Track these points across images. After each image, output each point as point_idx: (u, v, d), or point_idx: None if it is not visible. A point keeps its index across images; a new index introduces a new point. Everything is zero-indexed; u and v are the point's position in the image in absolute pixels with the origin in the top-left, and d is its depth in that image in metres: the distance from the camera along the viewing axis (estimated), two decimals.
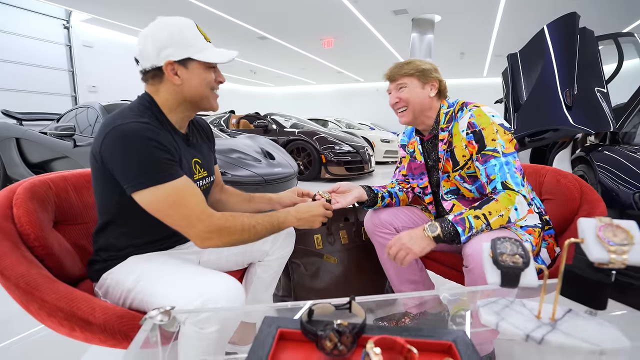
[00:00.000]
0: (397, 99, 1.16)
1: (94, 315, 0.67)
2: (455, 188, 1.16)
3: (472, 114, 1.06)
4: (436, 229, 0.95)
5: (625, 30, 6.66)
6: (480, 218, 0.95)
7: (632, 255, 0.48)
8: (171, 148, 0.79)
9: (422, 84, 1.14)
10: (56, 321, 0.67)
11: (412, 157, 1.29)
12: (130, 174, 0.74)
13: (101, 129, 0.77)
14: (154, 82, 0.84)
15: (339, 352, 0.44)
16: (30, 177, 0.95)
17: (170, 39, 0.80)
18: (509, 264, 0.54)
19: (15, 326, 1.32)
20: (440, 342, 0.47)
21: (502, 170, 1.01)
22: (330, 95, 15.75)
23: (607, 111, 2.47)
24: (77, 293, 0.70)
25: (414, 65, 1.13)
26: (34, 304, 0.67)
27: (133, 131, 0.74)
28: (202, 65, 0.84)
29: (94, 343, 0.71)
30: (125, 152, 0.73)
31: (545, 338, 0.51)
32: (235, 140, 3.65)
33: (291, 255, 1.25)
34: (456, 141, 1.10)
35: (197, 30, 0.84)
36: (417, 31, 5.97)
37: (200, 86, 0.85)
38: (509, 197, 0.97)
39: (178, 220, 0.76)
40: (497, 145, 1.02)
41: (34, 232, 0.79)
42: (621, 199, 1.90)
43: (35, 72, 6.36)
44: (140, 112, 0.81)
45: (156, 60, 0.80)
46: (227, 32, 7.47)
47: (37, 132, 3.58)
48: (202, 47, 0.84)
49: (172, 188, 0.74)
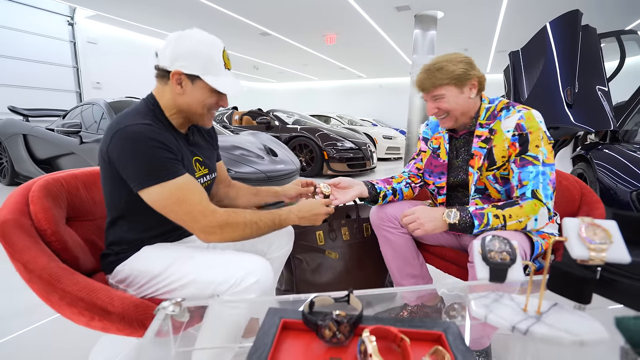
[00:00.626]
0: (436, 109, 1.09)
1: (113, 305, 0.71)
2: (483, 187, 1.11)
3: (522, 116, 1.02)
4: (455, 217, 0.98)
5: (628, 27, 6.62)
6: (499, 218, 0.97)
7: (610, 253, 0.51)
8: (173, 147, 0.83)
9: (460, 90, 1.06)
10: (76, 311, 0.71)
11: (435, 154, 1.24)
12: (136, 173, 0.78)
13: (108, 130, 0.82)
14: (161, 81, 0.88)
15: (338, 340, 0.48)
16: (43, 175, 0.99)
17: (190, 51, 0.82)
18: (497, 261, 0.58)
19: (22, 320, 1.38)
20: (431, 332, 0.51)
21: (536, 179, 0.99)
22: (332, 91, 15.71)
23: (608, 110, 2.48)
24: (96, 284, 0.74)
25: (446, 72, 1.03)
26: (55, 294, 0.71)
27: (138, 132, 0.78)
28: (208, 88, 0.86)
29: (111, 332, 0.75)
30: (131, 152, 0.77)
31: (530, 329, 0.55)
32: (238, 137, 3.68)
33: (293, 251, 1.29)
34: (497, 140, 1.06)
35: (221, 55, 0.86)
36: (419, 27, 5.94)
37: (197, 104, 0.88)
38: (534, 206, 0.97)
39: (182, 216, 0.80)
40: (539, 153, 1.00)
41: (51, 228, 0.83)
42: (619, 197, 1.92)
43: (40, 68, 6.41)
44: (144, 113, 0.85)
45: (169, 64, 0.84)
46: (230, 28, 7.47)
47: (44, 128, 3.63)
48: (218, 73, 0.86)
49: (175, 185, 0.79)
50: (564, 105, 2.54)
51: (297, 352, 0.48)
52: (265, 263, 0.83)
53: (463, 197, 1.21)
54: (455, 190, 1.22)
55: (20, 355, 1.18)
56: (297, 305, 0.58)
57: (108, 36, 7.72)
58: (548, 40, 2.77)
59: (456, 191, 1.22)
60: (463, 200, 1.21)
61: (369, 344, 0.44)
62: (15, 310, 1.45)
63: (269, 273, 0.82)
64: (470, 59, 1.07)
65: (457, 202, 1.22)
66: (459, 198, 1.22)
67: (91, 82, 7.30)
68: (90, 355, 1.10)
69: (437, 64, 1.05)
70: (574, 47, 2.62)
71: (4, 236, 0.75)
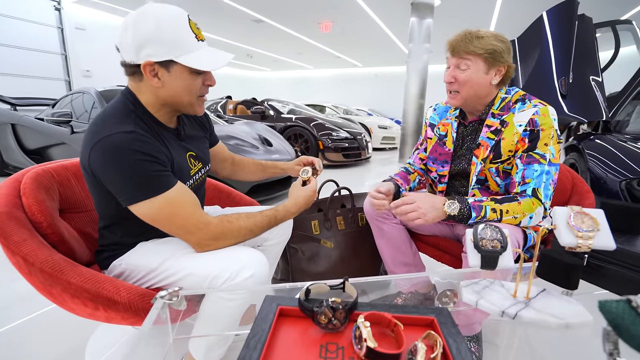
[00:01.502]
0: (453, 79, 1.03)
1: (120, 295, 0.72)
2: (483, 178, 1.09)
3: (538, 112, 0.99)
4: (455, 209, 0.98)
5: (624, 17, 6.62)
6: (496, 212, 0.97)
7: (597, 241, 0.53)
8: (161, 156, 0.75)
9: (487, 68, 1.00)
10: (80, 302, 0.71)
11: (441, 142, 1.20)
12: (122, 189, 0.72)
13: (87, 140, 0.73)
14: (134, 78, 0.78)
15: (333, 326, 0.49)
16: (32, 167, 0.97)
17: (153, 35, 0.70)
18: (488, 249, 0.59)
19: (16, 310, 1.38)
20: (424, 317, 0.53)
21: (540, 178, 0.98)
22: (328, 80, 15.58)
23: (601, 100, 2.51)
24: (101, 275, 0.75)
25: (485, 42, 0.98)
26: (58, 286, 0.71)
27: (119, 144, 0.70)
28: (187, 70, 0.75)
29: (115, 321, 0.76)
30: (114, 167, 0.70)
31: (519, 314, 0.57)
32: (233, 127, 3.65)
33: (289, 241, 1.30)
34: (507, 133, 1.02)
35: (188, 26, 0.74)
36: (416, 15, 5.87)
37: (183, 92, 0.78)
38: (532, 205, 0.97)
39: (175, 229, 0.77)
40: (547, 152, 0.98)
41: (46, 220, 0.82)
42: (608, 186, 1.96)
43: (26, 55, 6.22)
44: (124, 116, 0.75)
45: (135, 57, 0.73)
46: (222, 14, 7.31)
47: (33, 118, 3.55)
48: (191, 48, 0.74)
49: (165, 200, 0.73)
50: (558, 96, 2.56)
51: (293, 338, 0.49)
52: (260, 256, 0.81)
53: (461, 186, 1.20)
54: (455, 179, 1.21)
55: (18, 345, 1.19)
56: (294, 293, 0.59)
57: (97, 22, 7.51)
58: (544, 30, 2.77)
59: (455, 179, 1.21)
60: (461, 190, 1.20)
61: (364, 329, 0.45)
62: (9, 301, 1.45)
63: (264, 266, 0.80)
64: (510, 45, 1.02)
65: (455, 191, 1.22)
66: (456, 187, 1.21)
67: (80, 70, 7.13)
68: (87, 344, 1.11)
69: (479, 32, 1.00)
70: (570, 37, 2.62)
71: None
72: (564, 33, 2.67)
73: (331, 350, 0.47)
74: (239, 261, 0.77)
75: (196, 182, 0.95)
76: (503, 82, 1.06)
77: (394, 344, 0.49)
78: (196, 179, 0.95)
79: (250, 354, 0.43)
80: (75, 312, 0.77)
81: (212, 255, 0.81)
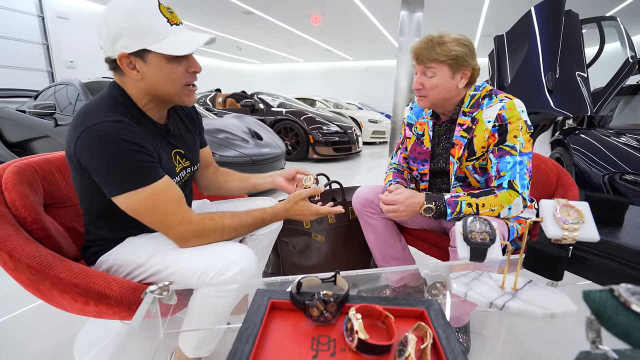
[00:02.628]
0: (421, 86, 1.06)
1: (111, 289, 0.71)
2: (463, 175, 1.13)
3: (504, 106, 1.01)
4: (430, 212, 1.03)
5: (609, 14, 6.74)
6: (472, 206, 1.00)
7: (582, 233, 0.55)
8: (148, 146, 0.74)
9: (452, 73, 1.03)
10: (69, 297, 0.70)
11: (419, 141, 1.22)
12: (107, 179, 0.71)
13: (73, 128, 0.71)
14: (117, 73, 0.77)
15: (325, 318, 0.50)
16: (13, 160, 0.94)
17: (122, 25, 0.68)
18: (477, 241, 0.60)
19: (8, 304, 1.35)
20: (414, 309, 0.53)
21: (513, 169, 1.00)
22: (318, 73, 15.48)
23: (586, 95, 2.56)
24: (91, 270, 0.73)
25: (447, 49, 0.99)
26: (47, 282, 0.69)
27: (106, 133, 0.68)
28: (164, 57, 0.72)
29: (106, 316, 0.75)
30: (100, 156, 0.69)
31: (506, 305, 0.59)
32: (222, 120, 3.61)
33: (280, 234, 1.29)
34: (478, 130, 1.05)
35: (159, 11, 0.71)
36: (406, 9, 5.86)
37: (164, 82, 0.75)
38: (509, 197, 0.99)
39: (157, 223, 0.76)
40: (517, 143, 1.00)
41: (31, 215, 0.80)
42: (592, 180, 2.02)
43: (5, 44, 5.98)
44: (113, 107, 0.74)
45: (111, 51, 0.71)
46: (210, 6, 7.16)
47: (14, 110, 3.44)
48: (163, 34, 0.71)
49: (150, 192, 0.72)
50: (545, 91, 2.60)
51: (285, 331, 0.49)
52: (248, 252, 0.80)
53: (442, 183, 1.23)
54: (436, 177, 1.24)
55: (3, 342, 1.16)
56: (285, 287, 0.59)
57: (80, 11, 7.24)
58: (532, 25, 2.80)
59: (437, 177, 1.24)
60: (442, 187, 1.23)
61: (355, 321, 0.46)
62: None
63: (252, 262, 0.79)
64: (473, 48, 1.04)
65: (437, 188, 1.24)
66: (438, 184, 1.24)
67: (64, 61, 6.89)
68: (76, 339, 1.10)
69: (441, 38, 1.02)
70: (557, 33, 2.66)
71: None
72: (551, 28, 2.70)
73: (323, 342, 0.47)
74: (226, 257, 0.76)
75: (182, 180, 0.93)
76: (470, 83, 1.08)
77: (385, 335, 0.49)
78: (182, 177, 0.93)
79: (243, 347, 0.43)
80: (64, 308, 0.76)
81: (199, 251, 0.79)
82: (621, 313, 0.38)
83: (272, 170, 3.34)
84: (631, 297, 0.38)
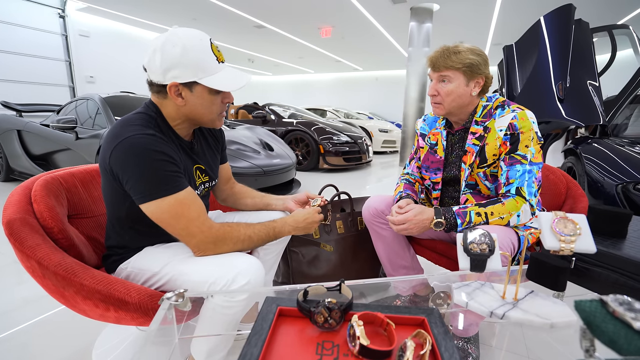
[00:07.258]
0: (436, 92, 1.11)
1: (130, 296, 0.75)
2: (474, 183, 1.15)
3: (516, 116, 1.04)
4: (441, 226, 1.05)
5: (620, 22, 6.65)
6: (481, 215, 1.02)
7: (578, 244, 0.56)
8: (176, 158, 0.81)
9: (467, 80, 1.07)
10: (91, 303, 0.75)
11: (432, 150, 1.25)
12: (138, 187, 0.77)
13: (108, 140, 0.79)
14: (159, 96, 0.86)
15: (329, 325, 0.53)
16: (41, 174, 1.01)
17: (179, 59, 0.78)
18: (477, 252, 0.62)
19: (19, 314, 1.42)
20: (415, 317, 0.56)
21: (522, 177, 1.03)
22: (328, 84, 15.66)
23: (598, 104, 2.53)
24: (111, 277, 0.78)
25: (462, 57, 1.05)
26: (71, 288, 0.74)
27: (140, 144, 0.76)
28: (208, 90, 0.83)
29: (125, 322, 0.79)
30: (134, 166, 0.76)
31: (506, 314, 0.60)
32: (235, 132, 3.70)
33: (289, 244, 1.33)
34: (490, 138, 1.08)
35: (211, 50, 0.82)
36: (415, 20, 5.93)
37: (204, 110, 0.86)
38: (516, 203, 1.01)
39: (179, 230, 0.81)
40: (528, 153, 1.03)
41: (57, 226, 0.86)
42: (605, 190, 1.99)
43: (31, 62, 6.32)
44: (146, 122, 0.82)
45: (162, 78, 0.80)
46: (224, 20, 7.40)
47: (39, 124, 3.61)
48: (213, 70, 0.82)
49: (175, 200, 0.78)
50: (556, 100, 2.59)
51: (292, 336, 0.52)
52: (256, 263, 0.83)
53: (454, 192, 1.25)
54: (448, 185, 1.26)
55: (25, 347, 1.22)
56: (293, 295, 0.62)
57: (100, 29, 7.62)
58: (542, 35, 2.80)
59: (449, 185, 1.26)
60: (454, 195, 1.25)
61: (357, 328, 0.49)
62: (15, 305, 1.48)
63: (260, 273, 0.82)
64: (486, 57, 1.09)
65: (449, 196, 1.26)
66: (450, 192, 1.26)
67: (84, 76, 7.22)
68: (95, 343, 1.14)
69: (456, 48, 1.07)
70: (567, 42, 2.65)
71: (13, 234, 0.78)
72: (561, 38, 2.70)
73: (327, 347, 0.50)
74: (234, 268, 0.80)
75: (201, 193, 0.99)
76: (483, 92, 1.13)
77: (385, 341, 0.52)
78: (201, 191, 0.99)
79: (252, 351, 0.46)
80: (86, 313, 0.81)
81: (209, 261, 0.83)
82: (609, 322, 0.39)
83: (282, 179, 3.40)
84: (619, 307, 0.40)
